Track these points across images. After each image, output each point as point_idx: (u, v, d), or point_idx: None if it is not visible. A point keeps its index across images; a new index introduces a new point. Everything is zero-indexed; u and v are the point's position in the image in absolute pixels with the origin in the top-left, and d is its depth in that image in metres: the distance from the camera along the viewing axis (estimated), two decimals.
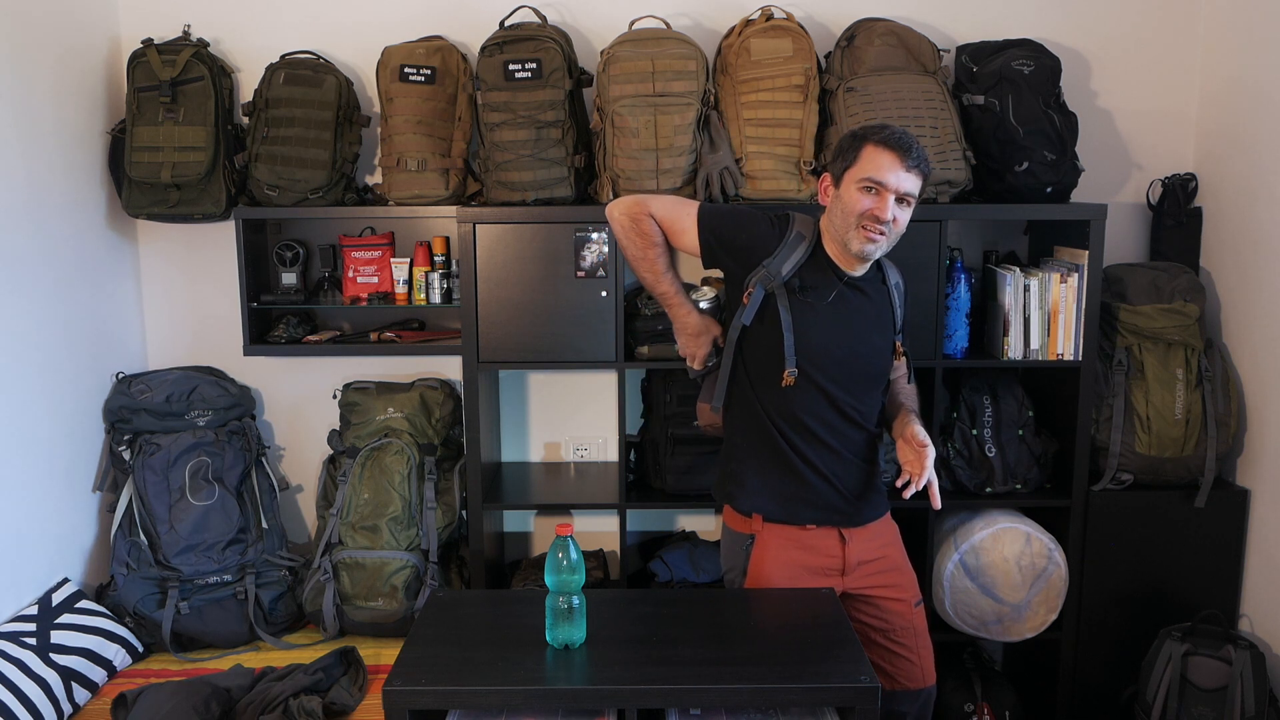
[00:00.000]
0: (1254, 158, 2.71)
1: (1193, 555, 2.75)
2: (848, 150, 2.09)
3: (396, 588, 2.75)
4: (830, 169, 2.14)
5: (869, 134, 2.07)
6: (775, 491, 2.16)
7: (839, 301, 2.13)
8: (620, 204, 2.23)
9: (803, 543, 2.17)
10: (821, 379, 2.12)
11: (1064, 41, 2.90)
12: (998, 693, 2.80)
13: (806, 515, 2.16)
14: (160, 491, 2.74)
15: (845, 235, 2.08)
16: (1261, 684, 2.47)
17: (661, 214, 2.20)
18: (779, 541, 2.16)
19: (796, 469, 2.15)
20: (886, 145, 2.03)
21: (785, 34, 2.66)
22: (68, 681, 2.41)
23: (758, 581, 2.16)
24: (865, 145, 2.06)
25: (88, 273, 2.79)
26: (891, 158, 2.02)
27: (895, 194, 2.04)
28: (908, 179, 2.04)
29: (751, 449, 2.18)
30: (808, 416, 2.13)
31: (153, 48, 2.75)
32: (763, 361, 2.13)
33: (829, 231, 2.14)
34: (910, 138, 2.06)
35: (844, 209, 2.07)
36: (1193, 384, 2.72)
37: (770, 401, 2.14)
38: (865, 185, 2.04)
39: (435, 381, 3.01)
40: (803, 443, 2.14)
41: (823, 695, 1.76)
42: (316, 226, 3.00)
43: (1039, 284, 2.66)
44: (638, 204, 2.20)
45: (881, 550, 2.25)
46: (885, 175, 2.02)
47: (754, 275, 2.11)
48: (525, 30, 2.65)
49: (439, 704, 1.75)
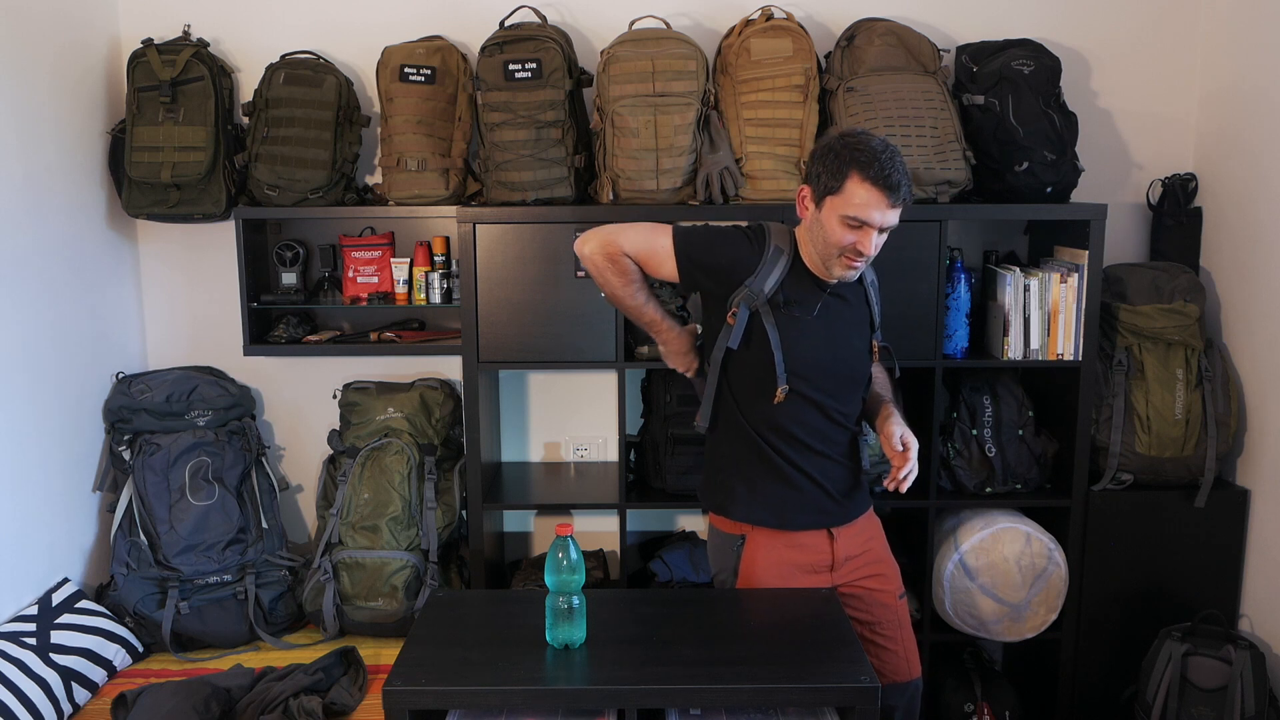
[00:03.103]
0: (1254, 158, 2.71)
1: (1193, 555, 2.75)
2: (833, 173, 1.99)
3: (396, 588, 2.75)
4: (810, 184, 2.05)
5: (857, 162, 1.96)
6: (766, 500, 2.14)
7: (823, 312, 2.10)
8: (591, 242, 2.12)
9: (793, 542, 2.16)
10: (810, 390, 2.10)
11: (1064, 41, 2.90)
12: (998, 693, 2.80)
13: (799, 520, 2.16)
14: (160, 491, 2.74)
15: (826, 262, 2.05)
16: (1261, 684, 2.47)
17: (635, 249, 2.11)
18: (770, 542, 2.15)
19: (787, 476, 2.13)
20: (875, 185, 1.95)
21: (785, 34, 2.66)
22: (68, 681, 2.41)
23: (749, 582, 2.15)
24: (851, 175, 1.96)
25: (88, 273, 2.79)
26: (878, 196, 1.95)
27: (878, 229, 2.00)
28: (892, 215, 1.99)
29: (739, 461, 2.16)
30: (797, 427, 2.12)
31: (153, 48, 2.75)
32: (750, 379, 2.11)
33: (806, 244, 2.10)
34: (897, 170, 1.96)
35: (825, 238, 2.02)
36: (1193, 384, 2.72)
37: (758, 416, 2.12)
38: (850, 222, 1.98)
39: (435, 381, 3.01)
40: (792, 451, 2.13)
41: (823, 695, 1.76)
42: (316, 226, 3.00)
43: (1039, 284, 2.66)
44: (609, 241, 2.11)
45: (866, 544, 2.25)
46: (871, 214, 1.97)
47: (736, 295, 2.07)
48: (525, 30, 2.65)
49: (439, 704, 1.75)
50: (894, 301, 2.29)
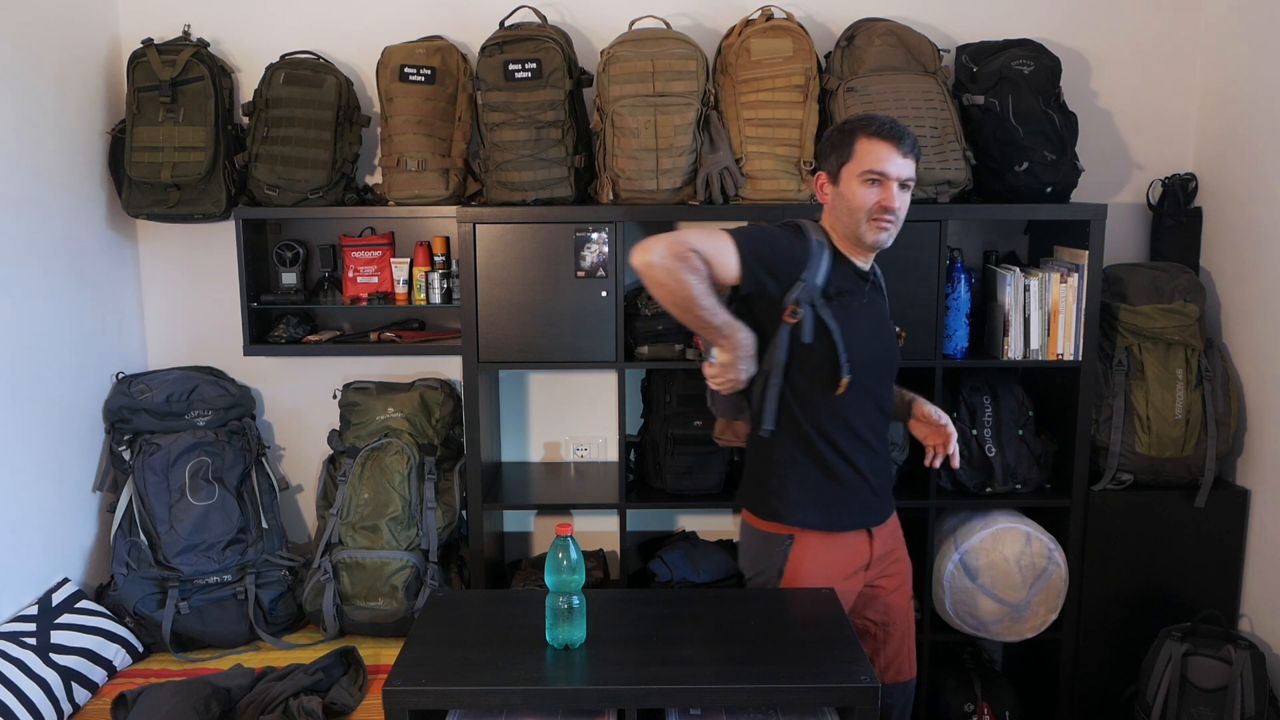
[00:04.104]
0: (1254, 158, 2.71)
1: (1193, 555, 2.75)
2: (840, 145, 2.07)
3: (396, 588, 2.75)
4: (823, 167, 2.12)
5: (858, 126, 2.05)
6: (818, 501, 2.14)
7: (868, 301, 2.14)
8: (656, 248, 1.97)
9: (838, 544, 2.17)
10: (864, 379, 2.11)
11: (1064, 41, 2.90)
12: (998, 693, 2.80)
13: (845, 521, 2.17)
14: (160, 491, 2.74)
15: (857, 230, 2.07)
16: (1261, 684, 2.47)
17: (700, 247, 1.99)
18: (817, 544, 2.15)
19: (839, 474, 2.14)
20: (880, 136, 2.03)
21: (785, 34, 2.66)
22: (68, 681, 2.41)
23: (794, 582, 2.15)
24: (858, 138, 2.04)
25: (88, 273, 2.79)
26: (887, 147, 2.02)
27: (897, 181, 2.04)
28: (905, 165, 2.04)
29: (794, 462, 2.14)
30: (855, 419, 2.13)
31: (153, 48, 2.75)
32: (809, 374, 2.10)
33: (836, 230, 2.12)
34: (899, 124, 2.06)
35: (849, 205, 2.06)
36: (1193, 384, 2.72)
37: (818, 411, 2.11)
38: (868, 178, 2.03)
39: (435, 381, 3.01)
40: (848, 446, 2.14)
41: (823, 695, 1.76)
42: (316, 226, 3.00)
43: (1039, 284, 2.66)
44: (676, 241, 1.98)
45: (893, 543, 2.28)
46: (885, 165, 2.02)
47: (793, 292, 2.06)
48: (525, 30, 2.65)
49: (439, 704, 1.75)
50: (894, 301, 2.29)
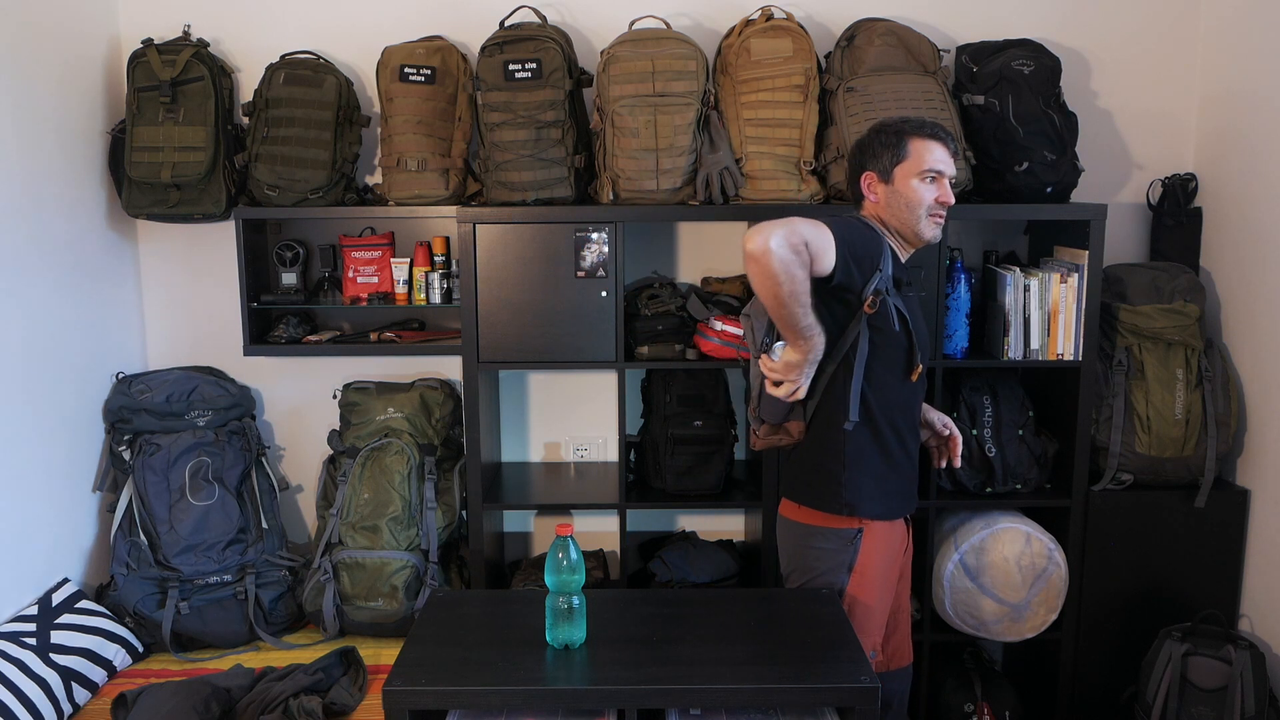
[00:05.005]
0: (1254, 158, 2.71)
1: (1193, 555, 2.75)
2: (892, 146, 2.14)
3: (396, 588, 2.75)
4: (871, 166, 2.17)
5: (907, 128, 2.15)
6: (883, 492, 2.19)
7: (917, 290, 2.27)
8: (774, 234, 1.89)
9: (894, 532, 2.25)
10: (925, 366, 2.21)
11: (1064, 41, 2.90)
12: (998, 693, 2.80)
13: (899, 509, 2.24)
14: (160, 491, 2.74)
15: (916, 226, 2.14)
16: (1261, 684, 2.47)
17: (809, 238, 1.93)
18: (882, 532, 2.20)
19: (898, 462, 2.20)
20: (934, 137, 2.14)
21: (785, 34, 2.66)
22: (68, 681, 2.41)
23: (865, 575, 2.17)
24: (910, 139, 2.13)
25: (88, 273, 2.79)
26: (939, 146, 2.14)
27: (950, 179, 2.16)
28: (953, 163, 2.17)
29: (863, 453, 2.16)
30: (915, 406, 2.24)
31: (153, 48, 2.75)
32: (886, 364, 2.14)
33: (889, 225, 2.18)
34: (941, 125, 2.18)
35: (908, 201, 2.13)
36: (1193, 384, 2.72)
37: (889, 399, 2.15)
38: (927, 175, 2.12)
39: (435, 381, 3.01)
40: (908, 431, 2.22)
41: (823, 695, 1.76)
42: (316, 226, 3.00)
43: (1039, 284, 2.66)
44: (793, 231, 1.90)
45: (909, 533, 2.35)
46: (941, 165, 2.13)
47: (873, 282, 2.06)
48: (525, 30, 2.65)
49: (439, 704, 1.75)
50: None
